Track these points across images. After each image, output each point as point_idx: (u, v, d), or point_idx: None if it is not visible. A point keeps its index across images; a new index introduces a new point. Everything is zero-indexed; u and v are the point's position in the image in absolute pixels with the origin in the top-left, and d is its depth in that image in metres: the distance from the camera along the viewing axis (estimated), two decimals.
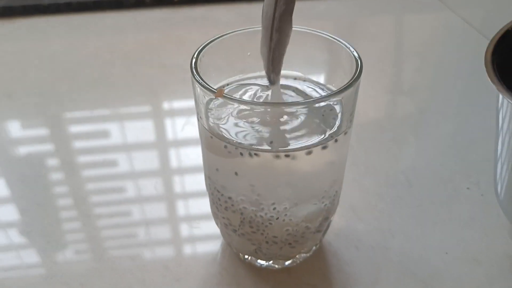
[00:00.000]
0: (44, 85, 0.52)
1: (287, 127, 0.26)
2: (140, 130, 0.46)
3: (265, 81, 0.30)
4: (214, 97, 0.24)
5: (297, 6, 0.73)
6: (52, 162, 0.43)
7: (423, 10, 0.70)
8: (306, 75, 0.31)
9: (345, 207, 0.37)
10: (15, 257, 0.34)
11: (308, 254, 0.33)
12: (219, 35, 0.29)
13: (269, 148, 0.25)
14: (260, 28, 0.29)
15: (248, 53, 0.31)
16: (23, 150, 0.44)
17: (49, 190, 0.40)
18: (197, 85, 0.25)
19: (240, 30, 0.30)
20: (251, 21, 0.66)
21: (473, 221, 0.36)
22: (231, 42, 0.30)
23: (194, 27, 0.64)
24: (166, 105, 0.51)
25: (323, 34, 0.29)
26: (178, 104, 0.51)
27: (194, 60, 0.26)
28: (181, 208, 0.38)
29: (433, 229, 0.35)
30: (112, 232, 0.36)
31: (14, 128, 0.48)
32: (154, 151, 0.44)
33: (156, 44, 0.60)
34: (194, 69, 0.26)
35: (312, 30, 0.29)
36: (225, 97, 0.24)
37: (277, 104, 0.26)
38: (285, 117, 0.26)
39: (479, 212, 0.37)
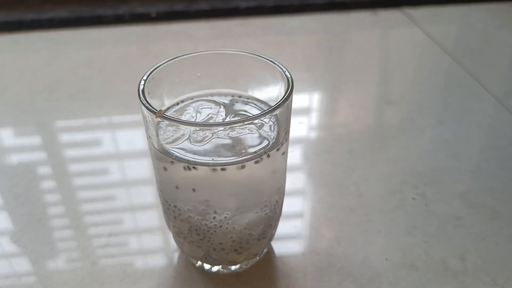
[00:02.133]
0: (23, 98, 0.55)
1: (226, 143, 0.28)
2: (131, 139, 0.49)
3: (218, 98, 0.33)
4: (155, 118, 0.26)
5: (271, 21, 0.77)
6: (43, 170, 0.45)
7: (392, 26, 0.73)
8: (251, 94, 0.33)
9: (296, 215, 0.40)
10: (6, 265, 0.36)
11: (256, 258, 0.35)
12: (171, 58, 0.32)
13: (207, 162, 0.27)
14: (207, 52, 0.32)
15: (198, 74, 0.33)
16: (14, 159, 0.46)
17: (40, 199, 0.42)
18: (143, 108, 0.28)
19: (191, 53, 0.32)
20: (225, 37, 0.69)
21: (415, 229, 0.38)
22: (182, 64, 0.32)
23: (171, 42, 0.66)
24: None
25: (264, 58, 0.31)
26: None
27: (141, 87, 0.29)
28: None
29: (377, 236, 0.38)
30: (103, 240, 0.38)
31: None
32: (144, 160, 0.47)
33: (133, 58, 0.63)
34: (142, 93, 0.28)
35: (255, 54, 0.31)
36: (164, 117, 0.26)
37: (212, 125, 0.28)
38: (224, 134, 0.28)
39: (421, 220, 0.39)
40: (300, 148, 0.48)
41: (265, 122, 0.28)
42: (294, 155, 0.46)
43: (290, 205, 0.40)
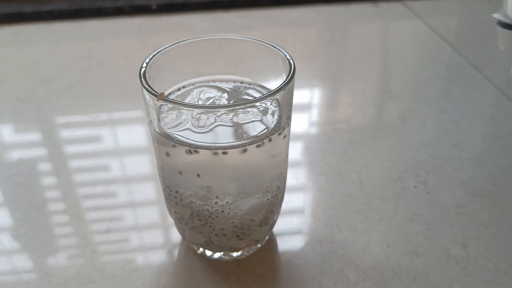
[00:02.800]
0: (23, 90, 0.55)
1: (227, 127, 0.28)
2: (131, 135, 0.48)
3: (220, 84, 0.33)
4: (157, 101, 0.26)
5: (272, 13, 0.76)
6: (44, 166, 0.45)
7: (393, 18, 0.73)
8: (253, 79, 0.33)
9: (298, 203, 0.40)
10: (6, 262, 0.35)
11: (258, 246, 0.35)
12: (172, 43, 0.32)
13: (209, 145, 0.27)
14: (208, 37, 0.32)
15: (199, 60, 0.33)
16: (14, 154, 0.46)
17: (41, 195, 0.41)
18: (145, 91, 0.28)
19: (192, 38, 0.32)
20: (226, 29, 0.69)
21: (417, 216, 0.38)
22: (184, 49, 0.32)
23: (171, 34, 0.66)
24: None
25: (266, 43, 0.31)
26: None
27: (143, 70, 0.29)
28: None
29: (378, 224, 0.38)
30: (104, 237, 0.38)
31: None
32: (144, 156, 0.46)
33: (133, 50, 0.63)
34: (143, 76, 0.28)
35: (257, 40, 0.31)
36: (165, 100, 0.26)
37: (214, 107, 0.28)
38: (226, 117, 0.28)
39: (423, 208, 0.39)
40: (301, 138, 0.48)
41: (267, 105, 0.28)
42: (295, 144, 0.46)
43: (291, 193, 0.40)
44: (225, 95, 0.32)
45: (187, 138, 0.28)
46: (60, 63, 0.60)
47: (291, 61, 0.29)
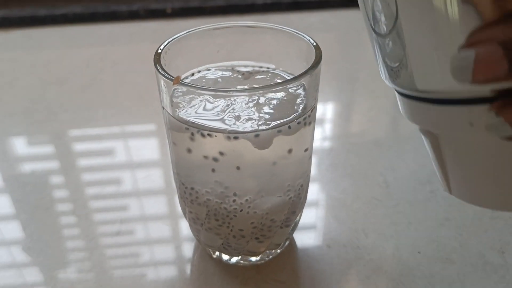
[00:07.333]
0: (34, 91, 0.54)
1: (247, 112, 0.26)
2: (144, 146, 0.46)
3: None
4: (173, 85, 0.24)
5: (289, 17, 0.74)
6: (54, 166, 0.43)
7: None
8: (280, 67, 0.31)
9: (321, 205, 0.37)
10: (17, 275, 0.33)
11: (277, 251, 0.33)
12: (188, 30, 0.30)
13: (221, 129, 0.25)
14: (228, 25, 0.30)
15: (217, 51, 0.31)
16: (26, 166, 0.44)
17: (52, 208, 0.39)
18: (160, 76, 0.26)
19: (211, 25, 0.31)
20: (242, 33, 0.67)
21: (448, 221, 0.36)
22: (200, 35, 0.30)
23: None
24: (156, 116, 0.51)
25: (288, 29, 0.29)
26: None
27: (157, 56, 0.27)
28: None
29: (407, 228, 0.35)
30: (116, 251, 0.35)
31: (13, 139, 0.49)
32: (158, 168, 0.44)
33: (148, 53, 0.61)
34: (157, 62, 0.26)
35: (280, 27, 0.30)
36: (181, 84, 0.24)
37: (232, 91, 0.26)
38: (245, 103, 0.26)
39: (455, 212, 0.36)
40: (323, 139, 0.45)
41: (292, 91, 0.26)
42: (317, 144, 0.44)
43: (313, 195, 0.38)
44: (243, 77, 0.30)
45: (203, 123, 0.25)
46: (73, 66, 0.59)
47: (317, 47, 0.27)
